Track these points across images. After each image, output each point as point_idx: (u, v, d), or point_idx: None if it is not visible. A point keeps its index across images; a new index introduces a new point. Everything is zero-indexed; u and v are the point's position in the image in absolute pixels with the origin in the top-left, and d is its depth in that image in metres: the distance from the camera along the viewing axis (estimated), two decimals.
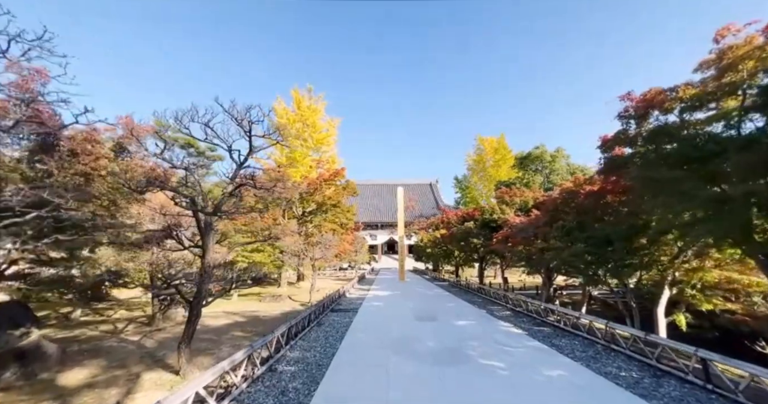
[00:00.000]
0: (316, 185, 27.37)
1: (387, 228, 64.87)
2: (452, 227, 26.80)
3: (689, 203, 7.73)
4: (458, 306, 18.33)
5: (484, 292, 22.56)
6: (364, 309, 17.53)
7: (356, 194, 30.29)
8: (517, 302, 16.68)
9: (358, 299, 21.28)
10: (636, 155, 9.76)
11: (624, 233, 10.69)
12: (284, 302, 20.45)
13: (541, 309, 14.23)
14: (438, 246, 40.34)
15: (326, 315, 15.74)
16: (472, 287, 25.62)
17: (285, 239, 22.52)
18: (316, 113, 38.55)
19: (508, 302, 17.87)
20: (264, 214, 23.08)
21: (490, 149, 55.41)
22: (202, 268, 7.86)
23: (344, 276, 43.93)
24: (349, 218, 30.22)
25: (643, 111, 8.84)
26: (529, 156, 39.52)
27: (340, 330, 12.54)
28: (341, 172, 28.50)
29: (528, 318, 14.53)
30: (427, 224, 53.65)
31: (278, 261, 21.40)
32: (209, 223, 8.06)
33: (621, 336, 9.26)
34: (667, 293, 12.56)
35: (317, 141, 37.92)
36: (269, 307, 18.83)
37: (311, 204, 28.76)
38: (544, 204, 15.42)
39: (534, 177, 35.09)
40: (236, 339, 11.69)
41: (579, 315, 11.17)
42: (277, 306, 19.22)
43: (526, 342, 10.48)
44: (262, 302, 20.38)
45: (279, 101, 37.46)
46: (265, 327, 13.48)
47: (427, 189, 77.81)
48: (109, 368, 8.41)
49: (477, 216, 23.41)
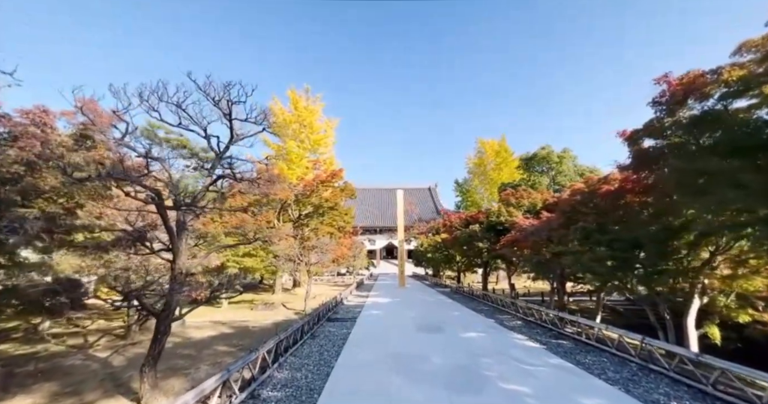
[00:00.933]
0: (313, 187, 26.12)
1: (386, 233, 63.65)
2: (455, 231, 25.58)
3: (746, 199, 6.57)
4: (464, 315, 17.04)
5: (489, 299, 21.28)
6: (362, 318, 16.23)
7: (354, 197, 29.09)
8: (528, 311, 15.42)
9: (356, 307, 19.96)
10: (670, 147, 8.62)
11: (657, 236, 9.49)
12: (277, 310, 19.11)
13: (556, 319, 12.97)
14: (439, 251, 39.08)
15: (321, 325, 14.43)
16: (476, 294, 24.34)
17: (279, 243, 21.31)
18: (313, 114, 37.45)
19: (518, 310, 16.60)
20: (257, 216, 21.83)
21: (491, 151, 54.36)
22: (172, 275, 6.60)
23: (342, 282, 42.57)
24: (347, 222, 28.94)
25: (681, 96, 7.72)
26: (535, 157, 38.34)
27: (337, 344, 11.24)
28: (339, 173, 27.28)
29: (542, 329, 13.27)
30: (427, 229, 52.46)
31: (272, 266, 20.08)
32: (183, 222, 6.83)
33: (660, 354, 8.00)
34: (697, 303, 11.35)
35: (314, 142, 36.77)
36: (261, 316, 17.48)
37: (308, 207, 27.51)
38: (558, 205, 14.27)
39: (540, 179, 33.85)
40: (218, 355, 10.37)
41: (605, 327, 9.92)
42: (270, 314, 17.88)
43: (548, 359, 9.21)
44: (253, 310, 19.03)
45: (275, 100, 36.38)
46: (253, 340, 12.17)
47: (426, 194, 76.72)
48: (59, 395, 7.09)
49: (482, 219, 22.22)
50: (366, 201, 71.51)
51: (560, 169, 35.42)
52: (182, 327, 13.96)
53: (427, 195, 76.36)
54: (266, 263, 21.02)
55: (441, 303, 21.81)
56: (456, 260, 37.25)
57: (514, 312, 16.80)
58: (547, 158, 36.41)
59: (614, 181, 13.33)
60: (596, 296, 17.46)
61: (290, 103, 36.93)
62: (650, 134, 8.65)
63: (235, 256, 18.52)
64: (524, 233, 16.82)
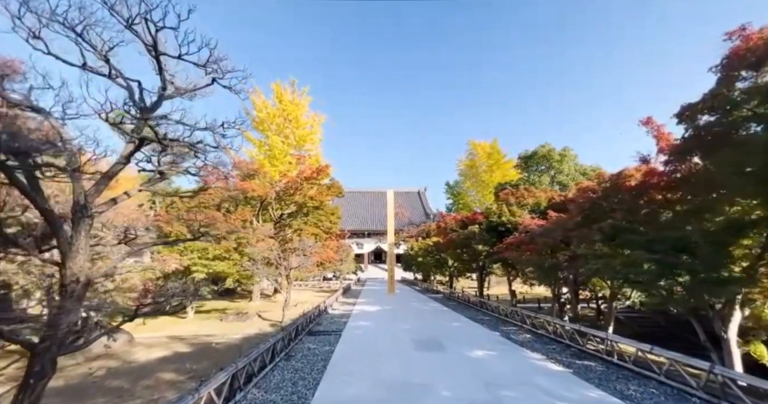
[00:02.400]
0: (297, 184, 23.86)
1: (374, 237, 61.53)
2: (450, 233, 23.70)
3: None
4: (464, 327, 15.05)
5: (487, 307, 19.39)
6: (348, 331, 14.05)
7: (342, 195, 26.94)
8: (538, 322, 13.56)
9: (342, 317, 17.76)
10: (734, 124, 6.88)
11: (717, 236, 7.72)
12: (251, 321, 16.72)
13: (575, 334, 11.10)
14: (430, 255, 37.20)
15: (300, 341, 12.20)
16: (472, 301, 22.45)
17: (257, 245, 18.99)
18: (299, 108, 35.25)
19: (524, 321, 14.73)
20: (232, 213, 19.43)
21: (483, 153, 53.15)
22: (60, 286, 4.36)
23: (328, 287, 40.12)
24: (334, 222, 26.73)
25: (764, 52, 6.00)
26: (535, 155, 36.93)
27: (316, 367, 9.07)
28: (326, 169, 25.11)
29: (558, 345, 11.38)
30: (417, 232, 50.66)
31: (247, 271, 17.68)
32: (82, 204, 4.56)
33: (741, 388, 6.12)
34: (738, 315, 9.68)
35: (300, 138, 34.51)
36: (230, 329, 15.09)
37: (290, 205, 25.19)
38: (575, 202, 12.55)
39: (541, 178, 32.40)
40: (159, 388, 8.03)
41: (649, 348, 8.05)
42: (241, 327, 15.50)
43: (584, 392, 7.26)
44: (223, 321, 16.59)
45: (258, 93, 33.98)
46: (213, 363, 9.87)
47: (416, 197, 75.15)
48: None
49: (481, 220, 20.41)
50: (354, 204, 69.44)
51: (561, 168, 34.09)
52: (129, 345, 11.51)
53: (416, 199, 74.77)
54: (240, 267, 18.62)
55: (436, 312, 19.80)
56: (448, 265, 35.46)
57: (520, 323, 14.92)
58: (547, 156, 35.03)
59: (637, 176, 11.66)
60: (608, 304, 15.73)
61: (274, 96, 34.65)
62: (715, 105, 6.88)
63: (203, 259, 16.09)
64: (531, 234, 15.03)
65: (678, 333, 17.78)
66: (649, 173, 11.48)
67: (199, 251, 15.86)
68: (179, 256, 15.36)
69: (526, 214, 18.03)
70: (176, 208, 17.30)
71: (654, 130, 11.63)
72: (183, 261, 15.37)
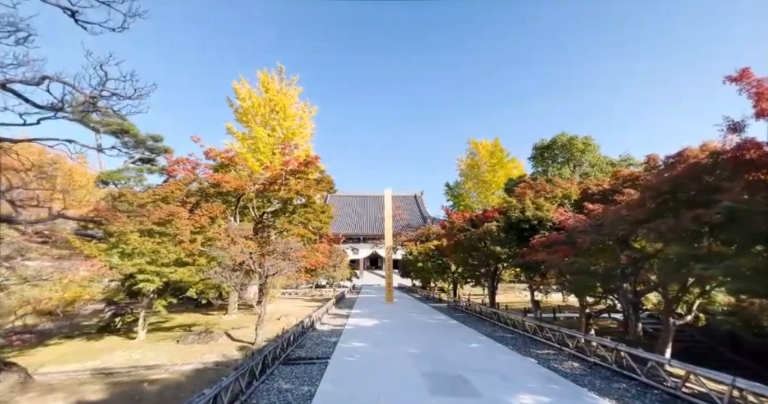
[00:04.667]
0: (281, 177, 20.55)
1: (370, 242, 58.24)
2: (458, 234, 20.50)
3: None
4: (486, 349, 11.79)
5: (505, 320, 16.13)
6: (338, 357, 10.73)
7: (333, 191, 23.65)
8: (589, 348, 10.34)
9: (332, 335, 14.45)
10: None
11: None
12: (215, 342, 13.27)
13: (656, 366, 7.89)
14: (432, 259, 33.98)
15: (271, 376, 8.86)
16: (484, 313, 19.18)
17: (231, 248, 15.61)
18: (287, 99, 32.07)
19: (562, 342, 11.53)
20: (200, 208, 16.04)
21: (485, 152, 50.31)
22: None
23: (320, 296, 36.62)
24: (324, 222, 23.37)
25: None
26: (554, 144, 33.45)
27: None
28: (315, 161, 21.85)
29: (629, 383, 8.16)
30: (416, 236, 47.47)
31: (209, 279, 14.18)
32: None
33: None
34: None
35: (287, 129, 31.27)
36: (185, 355, 11.67)
37: (274, 202, 21.84)
38: (645, 184, 9.45)
39: (561, 170, 29.15)
40: None
41: None
42: (200, 351, 12.06)
43: None
44: (180, 343, 13.12)
45: (242, 81, 30.76)
46: None
47: (412, 201, 72.23)
48: None
49: (496, 217, 17.24)
50: (349, 208, 66.34)
51: (583, 159, 30.79)
52: (19, 388, 8.02)
53: (413, 203, 71.81)
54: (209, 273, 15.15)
55: (445, 327, 16.51)
56: (451, 270, 32.23)
57: (558, 345, 11.70)
58: (568, 145, 31.72)
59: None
60: (662, 317, 12.53)
61: (260, 84, 31.46)
62: None
63: (154, 265, 12.64)
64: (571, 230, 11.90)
65: (721, 349, 14.91)
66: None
67: (149, 254, 12.46)
68: (120, 261, 11.93)
69: (554, 208, 14.91)
70: (126, 202, 13.90)
71: (752, 86, 8.63)
72: (124, 268, 11.93)
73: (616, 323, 25.05)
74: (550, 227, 14.48)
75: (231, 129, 30.43)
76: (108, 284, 14.66)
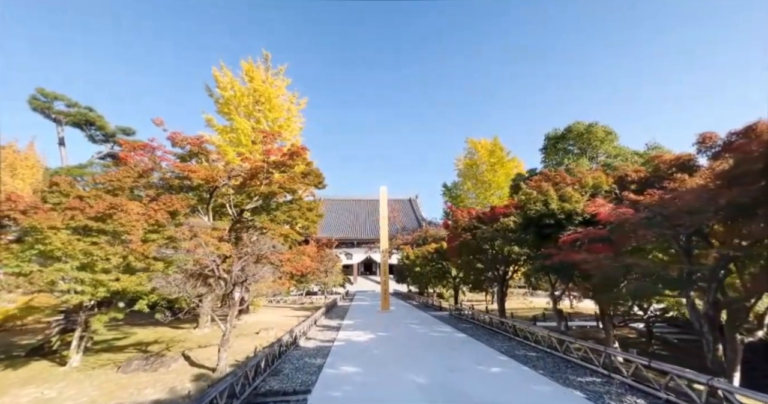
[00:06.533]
0: (262, 170, 17.83)
1: (364, 246, 55.56)
2: (463, 234, 17.97)
3: None
4: (513, 376, 9.16)
5: (523, 334, 13.54)
6: (321, 390, 8.03)
7: (323, 185, 20.90)
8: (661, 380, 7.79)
9: (317, 355, 11.77)
10: None
11: None
12: (166, 369, 10.43)
13: None
14: (430, 264, 31.41)
15: None
16: (495, 324, 16.58)
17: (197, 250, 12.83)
18: (274, 90, 29.46)
19: (614, 368, 8.97)
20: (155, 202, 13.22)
21: (484, 151, 48.15)
22: None
23: (311, 303, 33.77)
24: (312, 221, 20.66)
25: None
26: (570, 133, 30.68)
27: None
28: (302, 152, 19.09)
29: None
30: (413, 239, 45.06)
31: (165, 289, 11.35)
32: None
33: None
34: None
35: (273, 122, 28.61)
36: (117, 389, 8.85)
37: (254, 199, 19.07)
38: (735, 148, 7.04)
39: (579, 161, 26.76)
40: None
41: None
42: (144, 383, 9.25)
43: None
44: (120, 370, 10.26)
45: (223, 69, 28.03)
46: None
47: (407, 205, 69.99)
48: None
49: (511, 212, 14.77)
50: (342, 212, 63.77)
51: (602, 150, 28.29)
52: None
53: (407, 207, 69.51)
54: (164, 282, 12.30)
55: (453, 342, 13.86)
56: (452, 275, 29.68)
57: (604, 371, 9.15)
58: (585, 134, 29.18)
59: None
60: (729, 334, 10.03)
61: (243, 73, 28.81)
62: None
63: (86, 271, 9.82)
64: (619, 224, 9.44)
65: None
66: None
67: (78, 257, 9.66)
68: (35, 267, 9.12)
69: (583, 200, 12.48)
70: (59, 193, 11.12)
71: None
72: (41, 276, 9.10)
73: (635, 332, 22.70)
74: (580, 221, 12.04)
75: (211, 121, 27.68)
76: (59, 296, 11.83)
